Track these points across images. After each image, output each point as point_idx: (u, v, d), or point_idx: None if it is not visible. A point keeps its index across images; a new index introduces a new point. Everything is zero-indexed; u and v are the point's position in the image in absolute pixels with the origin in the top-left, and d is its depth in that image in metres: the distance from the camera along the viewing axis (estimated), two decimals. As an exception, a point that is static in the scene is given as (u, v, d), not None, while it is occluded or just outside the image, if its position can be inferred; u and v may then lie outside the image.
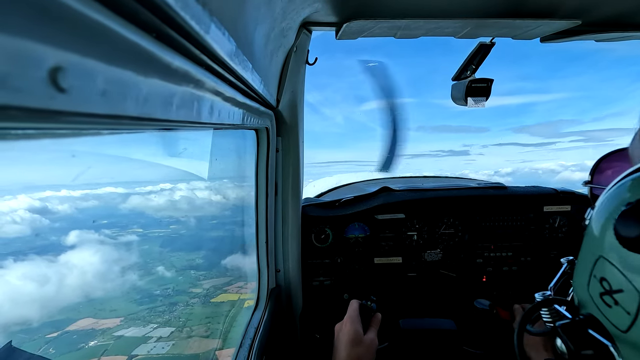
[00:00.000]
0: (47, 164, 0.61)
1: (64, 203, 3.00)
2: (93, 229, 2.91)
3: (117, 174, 0.98)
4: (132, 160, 0.93)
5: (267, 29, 0.80)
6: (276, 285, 1.62)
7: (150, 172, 1.29)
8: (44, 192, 3.39)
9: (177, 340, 2.59)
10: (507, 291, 1.86)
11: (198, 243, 2.98)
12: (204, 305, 2.63)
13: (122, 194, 2.89)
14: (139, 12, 0.30)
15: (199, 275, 2.88)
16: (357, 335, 1.13)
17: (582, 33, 1.22)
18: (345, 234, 1.82)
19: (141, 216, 3.22)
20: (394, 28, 1.14)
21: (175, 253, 3.09)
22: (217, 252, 2.36)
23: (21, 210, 2.87)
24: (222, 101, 0.64)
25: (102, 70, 0.28)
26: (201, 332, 2.41)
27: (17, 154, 0.28)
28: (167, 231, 3.23)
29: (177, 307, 2.86)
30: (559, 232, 1.86)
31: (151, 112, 0.37)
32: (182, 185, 2.65)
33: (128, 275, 2.99)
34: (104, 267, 2.94)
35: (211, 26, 0.42)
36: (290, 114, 1.41)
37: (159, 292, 2.94)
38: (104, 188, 1.37)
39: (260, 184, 1.43)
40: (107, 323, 2.52)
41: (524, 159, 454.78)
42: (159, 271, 3.01)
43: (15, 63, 0.20)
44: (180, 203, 2.77)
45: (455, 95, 1.42)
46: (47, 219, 3.25)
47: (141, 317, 2.73)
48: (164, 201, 3.00)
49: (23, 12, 0.20)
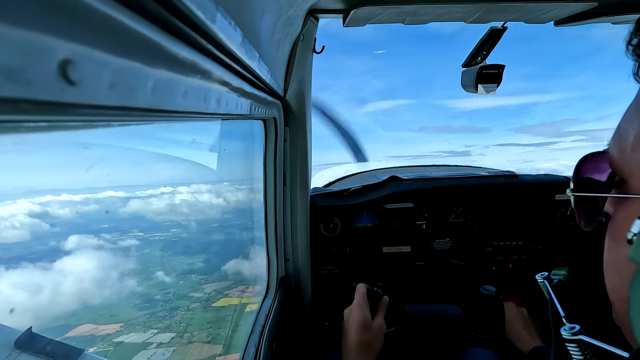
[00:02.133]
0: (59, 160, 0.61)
1: (73, 205, 3.02)
2: (104, 229, 2.94)
3: (125, 171, 0.99)
4: (141, 154, 0.94)
5: (273, 18, 0.79)
6: (285, 274, 1.64)
7: (161, 171, 1.30)
8: (50, 195, 3.42)
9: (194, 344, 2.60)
10: (516, 280, 1.85)
11: (207, 244, 2.99)
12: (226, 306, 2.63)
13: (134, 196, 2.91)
14: (146, 2, 0.30)
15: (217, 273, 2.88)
16: (366, 320, 1.15)
17: (598, 15, 1.17)
18: (354, 224, 1.83)
19: (142, 220, 3.25)
20: (403, 14, 1.12)
21: (176, 256, 3.13)
22: (225, 251, 2.38)
23: (21, 215, 2.91)
24: (229, 91, 0.64)
25: (111, 62, 0.28)
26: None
27: (28, 147, 0.29)
28: (169, 234, 3.25)
29: (195, 312, 2.88)
30: (570, 221, 1.83)
31: (160, 104, 0.37)
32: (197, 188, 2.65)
33: (143, 279, 3.03)
34: (130, 268, 2.97)
35: (217, 16, 0.41)
36: (297, 103, 1.40)
37: (172, 295, 2.98)
38: (105, 192, 1.37)
39: (268, 174, 1.43)
40: (107, 329, 2.55)
41: (526, 159, 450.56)
42: (173, 275, 3.05)
43: (26, 56, 0.20)
44: (185, 207, 2.78)
45: (465, 82, 1.39)
46: (63, 219, 3.30)
47: (156, 323, 2.75)
48: (166, 204, 3.01)
49: (32, 6, 0.20)
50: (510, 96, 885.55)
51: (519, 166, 14.87)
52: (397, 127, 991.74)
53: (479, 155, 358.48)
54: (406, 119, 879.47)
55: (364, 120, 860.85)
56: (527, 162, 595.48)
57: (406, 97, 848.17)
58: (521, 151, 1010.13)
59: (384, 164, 3.18)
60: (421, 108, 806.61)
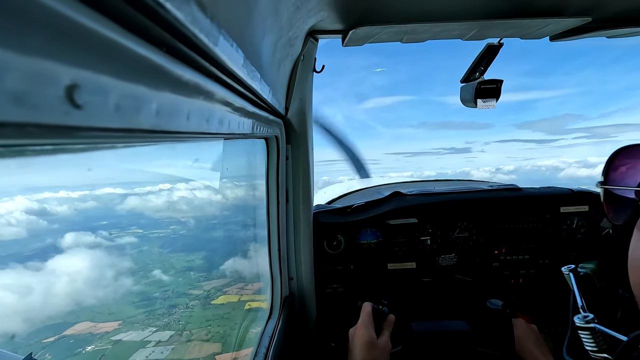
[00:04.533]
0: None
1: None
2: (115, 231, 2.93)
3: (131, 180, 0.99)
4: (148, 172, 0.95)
5: (274, 39, 0.81)
6: (289, 294, 1.62)
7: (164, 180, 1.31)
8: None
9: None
10: (526, 295, 1.81)
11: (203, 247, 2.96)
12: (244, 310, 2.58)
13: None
14: (150, 27, 0.31)
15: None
16: (371, 339, 1.14)
17: (592, 30, 1.19)
18: (358, 240, 1.81)
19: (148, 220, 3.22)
20: (400, 33, 1.15)
21: (175, 254, 3.11)
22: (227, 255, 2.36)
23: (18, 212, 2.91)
24: (232, 111, 0.64)
25: (116, 86, 0.29)
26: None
27: (35, 169, 0.29)
28: (168, 232, 3.24)
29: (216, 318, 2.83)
30: (577, 234, 1.81)
31: (164, 125, 0.38)
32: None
33: (150, 278, 2.99)
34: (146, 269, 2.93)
35: (219, 38, 0.42)
36: (299, 121, 1.42)
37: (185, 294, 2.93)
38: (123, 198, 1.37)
39: (271, 192, 1.43)
40: (105, 327, 2.52)
41: (526, 156, 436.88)
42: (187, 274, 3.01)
43: (34, 82, 0.21)
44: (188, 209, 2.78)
45: (464, 97, 1.41)
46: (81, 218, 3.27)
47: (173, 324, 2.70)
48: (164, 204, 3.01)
49: (40, 33, 0.21)
50: (514, 92, 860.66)
51: (519, 163, 14.66)
52: (397, 124, 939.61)
53: (479, 152, 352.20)
54: (406, 115, 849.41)
55: (364, 117, 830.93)
56: (528, 160, 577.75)
57: (406, 93, 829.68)
58: (521, 148, 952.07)
59: (386, 180, 3.19)
60: (421, 104, 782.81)
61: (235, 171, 1.49)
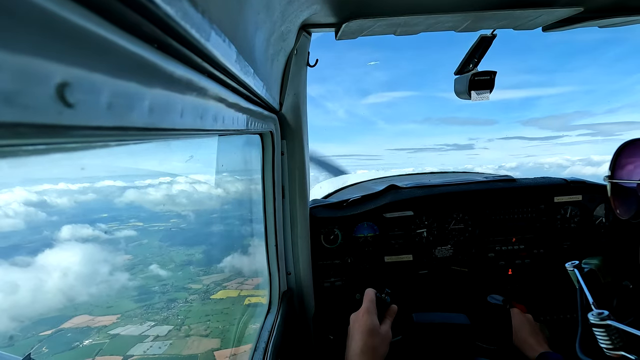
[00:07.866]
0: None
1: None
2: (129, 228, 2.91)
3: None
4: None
5: (267, 34, 0.81)
6: (288, 288, 1.62)
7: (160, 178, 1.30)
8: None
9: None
10: (521, 284, 1.84)
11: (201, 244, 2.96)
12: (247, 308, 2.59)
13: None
14: (140, 24, 0.31)
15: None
16: (374, 326, 1.14)
17: (584, 20, 1.20)
18: (355, 234, 1.82)
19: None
20: (394, 25, 1.14)
21: (174, 247, 3.10)
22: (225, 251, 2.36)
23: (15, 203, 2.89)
24: (226, 107, 0.64)
25: (108, 84, 0.28)
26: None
27: (27, 170, 0.29)
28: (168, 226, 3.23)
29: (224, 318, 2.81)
30: (571, 223, 1.83)
31: (157, 122, 0.37)
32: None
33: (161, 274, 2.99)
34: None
35: (211, 34, 0.42)
36: (293, 116, 1.42)
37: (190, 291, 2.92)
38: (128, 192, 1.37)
39: (267, 188, 1.43)
40: (103, 320, 2.51)
41: (529, 153, 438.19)
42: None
43: (24, 81, 0.21)
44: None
45: (458, 89, 1.41)
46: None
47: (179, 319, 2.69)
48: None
49: (29, 31, 0.20)
50: (518, 89, 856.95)
51: (521, 160, 14.66)
52: (400, 119, 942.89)
53: (481, 149, 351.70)
54: (409, 110, 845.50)
55: (366, 112, 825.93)
56: (530, 157, 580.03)
57: (410, 89, 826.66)
58: (525, 145, 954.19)
59: (381, 174, 3.19)
60: (424, 100, 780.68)
61: (231, 166, 1.48)
